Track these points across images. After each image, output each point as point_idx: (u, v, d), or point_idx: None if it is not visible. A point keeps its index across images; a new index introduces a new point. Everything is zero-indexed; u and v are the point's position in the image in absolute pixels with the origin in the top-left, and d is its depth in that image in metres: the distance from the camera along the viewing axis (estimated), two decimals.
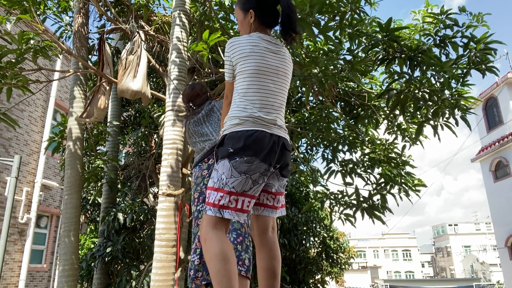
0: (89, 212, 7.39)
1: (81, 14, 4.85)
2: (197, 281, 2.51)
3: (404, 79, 3.84)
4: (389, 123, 4.93)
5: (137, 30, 4.08)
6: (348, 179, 4.97)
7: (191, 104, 3.01)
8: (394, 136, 5.13)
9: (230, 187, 1.63)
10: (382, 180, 4.82)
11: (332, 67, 3.89)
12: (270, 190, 1.81)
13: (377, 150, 5.11)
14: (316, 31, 3.16)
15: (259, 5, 1.87)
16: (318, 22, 3.07)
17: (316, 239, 9.04)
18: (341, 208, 4.74)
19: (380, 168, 4.99)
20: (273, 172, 1.74)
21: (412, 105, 4.15)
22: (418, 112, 4.30)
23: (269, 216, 1.83)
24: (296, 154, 5.82)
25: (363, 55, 4.01)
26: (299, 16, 2.89)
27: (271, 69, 1.78)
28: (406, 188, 4.71)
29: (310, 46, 4.70)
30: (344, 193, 4.82)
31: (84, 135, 4.80)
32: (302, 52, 4.28)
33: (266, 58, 1.78)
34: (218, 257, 1.54)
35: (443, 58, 3.81)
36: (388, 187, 4.70)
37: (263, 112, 1.71)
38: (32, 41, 3.72)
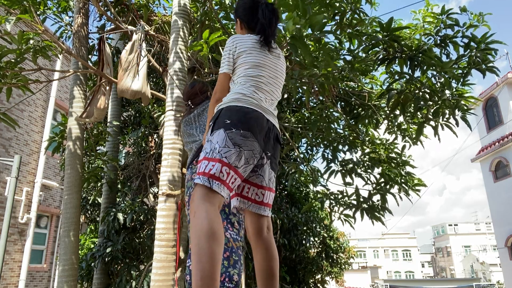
0: (89, 212, 7.38)
1: (81, 14, 4.84)
2: None
3: (405, 79, 3.84)
4: (390, 123, 4.92)
5: (143, 32, 4.06)
6: (348, 179, 4.97)
7: (189, 103, 2.97)
8: (394, 136, 5.12)
9: (222, 156, 1.57)
10: (382, 180, 4.81)
11: (332, 67, 3.88)
12: (260, 184, 1.78)
13: (377, 150, 5.11)
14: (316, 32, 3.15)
15: (244, 14, 2.01)
16: (319, 39, 3.07)
17: (316, 239, 9.03)
18: (341, 209, 4.73)
19: (380, 168, 4.98)
20: (266, 161, 1.75)
21: (412, 105, 4.15)
22: (418, 112, 4.30)
23: (259, 213, 1.79)
24: (296, 154, 5.82)
25: (363, 55, 4.01)
26: (294, 35, 2.87)
27: (269, 65, 1.87)
28: (406, 187, 4.70)
29: (311, 46, 4.69)
30: (344, 193, 4.81)
31: (84, 135, 4.80)
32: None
33: (264, 55, 1.88)
34: (205, 233, 1.39)
35: (444, 58, 3.81)
36: (388, 186, 4.69)
37: (263, 98, 1.78)
38: (32, 41, 3.72)
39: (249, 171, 1.69)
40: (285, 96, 5.70)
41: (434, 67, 3.62)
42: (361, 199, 4.63)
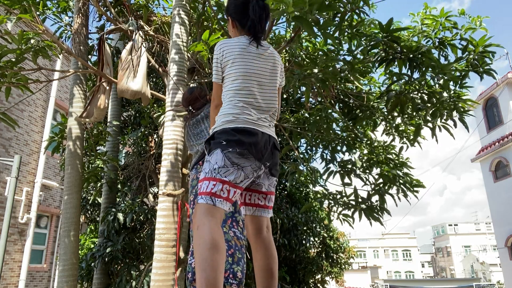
0: (89, 212, 7.39)
1: (81, 14, 4.85)
2: (195, 283, 2.50)
3: (403, 80, 3.84)
4: (387, 124, 4.93)
5: (137, 28, 4.08)
6: (346, 180, 4.96)
7: (190, 108, 3.03)
8: (392, 137, 5.13)
9: (222, 176, 1.64)
10: (381, 180, 4.82)
11: (331, 68, 3.88)
12: (260, 190, 1.84)
13: (375, 151, 5.11)
14: (316, 29, 3.15)
15: (235, 12, 1.97)
16: (318, 21, 3.07)
17: (316, 239, 9.03)
18: (340, 209, 4.74)
19: (379, 169, 4.98)
20: (263, 170, 1.78)
21: (411, 107, 4.16)
22: (416, 113, 4.31)
23: (262, 215, 1.84)
24: (296, 154, 5.82)
25: (365, 54, 4.01)
26: (297, 14, 2.89)
27: (259, 71, 1.84)
28: (405, 188, 4.71)
29: (309, 48, 4.69)
30: (343, 194, 4.81)
31: (84, 135, 4.80)
32: (302, 53, 4.28)
33: (253, 60, 1.84)
34: (208, 244, 1.49)
35: (442, 60, 3.82)
36: (386, 187, 4.69)
37: (253, 112, 1.77)
38: (32, 41, 3.72)
39: (249, 182, 1.75)
40: (284, 96, 5.70)
41: (433, 69, 3.63)
42: (360, 200, 4.64)
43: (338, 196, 4.77)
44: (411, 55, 3.60)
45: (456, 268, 45.55)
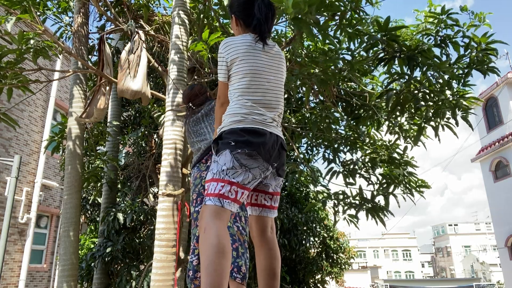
0: (89, 212, 7.38)
1: (81, 14, 4.84)
2: (196, 281, 2.51)
3: (404, 79, 3.83)
4: (391, 124, 4.91)
5: (136, 30, 4.08)
6: (350, 180, 4.95)
7: (190, 105, 3.04)
8: (396, 136, 5.09)
9: (230, 177, 1.62)
10: (385, 180, 4.80)
11: (333, 66, 3.87)
12: (267, 190, 1.82)
13: (378, 150, 5.09)
14: (315, 30, 3.15)
15: (239, 10, 1.91)
16: (318, 22, 3.07)
17: (316, 239, 9.04)
18: (344, 208, 4.72)
19: (382, 169, 4.97)
20: (271, 171, 1.75)
21: (412, 106, 4.14)
22: (417, 113, 4.29)
23: (268, 216, 1.83)
24: (296, 154, 5.82)
25: (363, 53, 4.00)
26: (299, 16, 2.89)
27: (266, 69, 1.81)
28: (411, 188, 4.69)
29: (310, 46, 4.69)
30: (347, 194, 4.80)
31: (84, 135, 4.80)
32: (303, 52, 4.28)
33: (260, 58, 1.81)
34: (215, 249, 1.48)
35: (444, 58, 3.80)
36: (391, 187, 4.66)
37: (262, 111, 1.74)
38: (32, 41, 3.71)
39: (257, 183, 1.73)
40: (285, 96, 5.70)
41: (432, 67, 3.62)
42: (365, 199, 4.62)
43: (342, 196, 4.75)
44: (410, 54, 3.58)
45: (456, 268, 45.55)
